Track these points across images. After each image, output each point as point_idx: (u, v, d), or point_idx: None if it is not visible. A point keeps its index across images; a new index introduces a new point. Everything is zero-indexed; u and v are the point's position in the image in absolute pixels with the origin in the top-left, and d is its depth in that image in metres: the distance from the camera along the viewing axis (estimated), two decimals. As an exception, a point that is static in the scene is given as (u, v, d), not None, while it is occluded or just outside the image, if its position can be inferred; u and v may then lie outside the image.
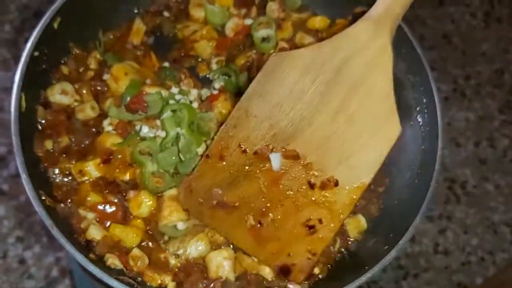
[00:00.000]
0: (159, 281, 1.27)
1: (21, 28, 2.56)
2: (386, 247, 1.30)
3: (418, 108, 1.48)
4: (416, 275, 2.42)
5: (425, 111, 1.46)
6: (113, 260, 1.26)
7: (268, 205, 1.25)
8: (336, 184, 1.20)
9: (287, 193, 1.23)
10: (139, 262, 1.28)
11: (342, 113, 1.16)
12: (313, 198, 1.22)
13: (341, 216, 1.22)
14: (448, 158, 2.67)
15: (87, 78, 1.47)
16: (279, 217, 1.25)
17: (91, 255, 1.23)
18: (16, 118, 1.22)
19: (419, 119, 1.48)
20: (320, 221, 1.23)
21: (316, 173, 1.21)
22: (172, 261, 1.30)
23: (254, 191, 1.25)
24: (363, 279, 1.26)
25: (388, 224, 1.43)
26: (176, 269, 1.30)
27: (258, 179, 1.24)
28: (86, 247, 1.27)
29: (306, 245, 1.25)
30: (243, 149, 1.24)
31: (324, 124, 1.18)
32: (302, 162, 1.21)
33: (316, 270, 1.34)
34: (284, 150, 1.21)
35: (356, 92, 1.15)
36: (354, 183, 1.19)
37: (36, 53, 1.28)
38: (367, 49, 1.15)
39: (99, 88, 1.45)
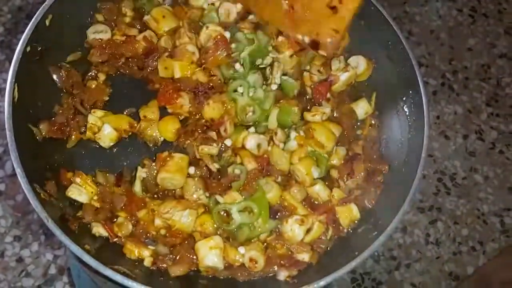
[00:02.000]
0: (137, 254, 1.30)
1: (14, 29, 2.59)
2: (375, 233, 1.33)
3: (404, 98, 1.51)
4: (409, 265, 2.46)
5: (411, 100, 1.49)
6: (97, 228, 1.30)
7: None
8: None
9: None
10: (123, 229, 1.31)
11: None
12: None
13: None
14: (438, 150, 2.72)
15: (124, 21, 1.54)
16: (306, 1, 1.43)
17: (86, 246, 1.25)
18: (10, 113, 1.24)
19: (406, 109, 1.52)
20: (340, 1, 1.40)
21: None
22: (158, 221, 1.33)
23: None
24: (353, 264, 1.29)
25: (378, 212, 1.45)
26: (160, 234, 1.34)
27: None
28: (81, 238, 1.29)
29: (331, 24, 1.43)
30: None
31: None
32: None
33: (306, 258, 1.37)
34: None
35: None
36: None
37: (28, 49, 1.31)
38: None
39: (138, 27, 1.52)
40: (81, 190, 1.34)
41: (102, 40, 1.48)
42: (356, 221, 1.46)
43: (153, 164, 1.37)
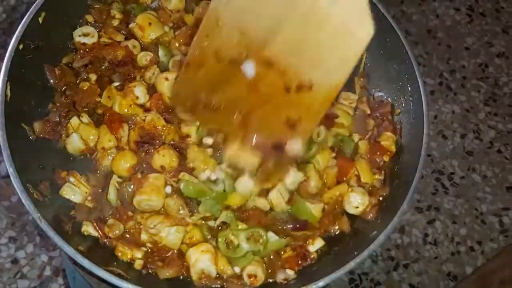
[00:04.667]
0: (129, 256, 1.27)
1: (9, 29, 2.57)
2: (375, 232, 1.32)
3: (404, 98, 1.51)
4: (407, 265, 2.44)
5: (410, 99, 1.48)
6: (87, 227, 1.27)
7: (250, 108, 1.28)
8: (311, 86, 1.22)
9: (266, 97, 1.26)
10: (114, 230, 1.28)
11: (312, 15, 1.15)
12: (290, 101, 1.25)
13: (319, 114, 1.26)
14: (436, 150, 2.71)
15: (112, 25, 1.50)
16: (261, 118, 1.29)
17: (80, 247, 1.23)
18: (2, 111, 1.22)
19: (404, 107, 1.51)
20: (299, 119, 1.27)
21: (291, 78, 1.22)
22: (144, 236, 1.29)
23: (236, 96, 1.28)
24: (352, 264, 1.28)
25: (377, 210, 1.44)
26: (147, 248, 1.30)
27: (238, 85, 1.26)
28: (75, 239, 1.27)
29: (290, 136, 1.29)
30: (218, 57, 1.24)
31: (295, 29, 1.17)
32: (276, 69, 1.22)
33: (320, 245, 1.34)
34: (257, 57, 1.21)
35: None
36: (328, 84, 1.21)
37: (21, 46, 1.29)
38: None
39: (124, 33, 1.49)
40: (74, 190, 1.32)
41: (86, 44, 1.46)
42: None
43: (128, 182, 1.32)
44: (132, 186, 1.31)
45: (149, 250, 1.30)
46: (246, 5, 1.18)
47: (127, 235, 1.30)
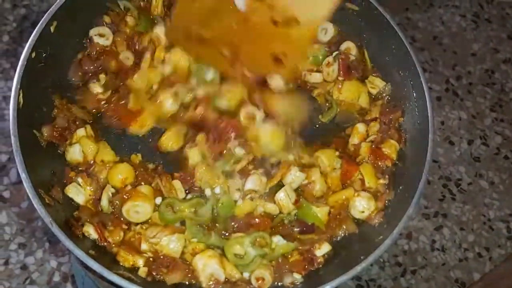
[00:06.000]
0: (131, 263, 1.26)
1: (19, 38, 2.61)
2: (381, 237, 1.33)
3: (410, 103, 1.52)
4: (414, 271, 2.44)
5: (416, 104, 1.49)
6: (87, 228, 1.28)
7: (240, 40, 1.35)
8: (297, 21, 1.28)
9: (255, 30, 1.32)
10: (115, 236, 1.28)
11: None
12: (277, 35, 1.31)
13: (303, 49, 1.35)
14: (443, 156, 2.71)
15: (125, 33, 1.52)
16: (250, 52, 1.36)
17: (91, 251, 1.24)
18: (15, 118, 1.24)
19: (410, 113, 1.52)
20: (284, 54, 1.33)
21: (279, 12, 1.28)
22: (144, 245, 1.29)
23: (226, 28, 1.34)
24: (358, 269, 1.28)
25: (385, 217, 1.45)
26: (148, 256, 1.30)
27: (228, 17, 1.32)
28: (86, 244, 1.29)
29: (276, 70, 1.37)
30: None
31: None
32: (266, 2, 1.28)
33: (326, 249, 1.35)
34: None
35: None
36: (313, 19, 1.27)
37: (33, 55, 1.32)
38: None
39: (135, 41, 1.51)
40: (79, 190, 1.33)
41: (99, 44, 1.48)
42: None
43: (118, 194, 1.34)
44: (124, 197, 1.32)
45: (151, 259, 1.29)
46: None
47: (128, 243, 1.30)
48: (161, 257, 1.29)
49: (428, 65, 2.90)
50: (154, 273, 1.27)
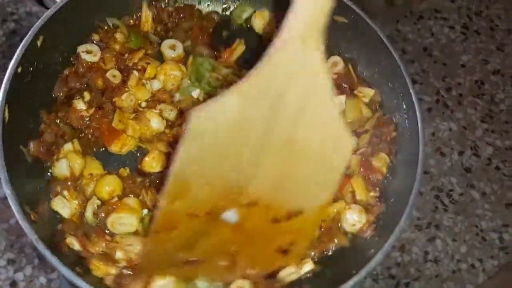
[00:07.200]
0: (103, 272, 1.25)
1: (9, 53, 2.59)
2: (373, 250, 1.32)
3: (400, 115, 1.52)
4: (408, 284, 2.42)
5: (405, 116, 1.50)
6: (71, 240, 1.27)
7: (238, 246, 1.21)
8: (301, 212, 1.16)
9: (254, 234, 1.19)
10: (97, 247, 1.28)
11: (290, 146, 1.06)
12: (280, 230, 1.19)
13: (312, 233, 1.24)
14: (434, 167, 2.70)
15: (114, 49, 1.51)
16: (251, 252, 1.22)
17: (78, 269, 1.23)
18: (1, 133, 1.23)
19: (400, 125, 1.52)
20: (292, 243, 1.22)
21: (278, 210, 1.15)
22: (119, 254, 1.27)
23: (219, 242, 1.19)
24: (351, 283, 1.27)
25: (377, 229, 1.44)
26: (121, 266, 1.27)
27: (219, 233, 1.17)
28: (73, 261, 1.27)
29: (283, 263, 1.26)
30: (192, 215, 1.12)
31: (274, 163, 1.08)
32: (261, 205, 1.14)
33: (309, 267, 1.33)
34: (237, 204, 1.12)
35: (298, 124, 1.03)
36: (317, 205, 1.17)
37: (20, 69, 1.31)
38: (301, 73, 0.98)
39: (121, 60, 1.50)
40: (65, 204, 1.32)
41: (86, 61, 1.47)
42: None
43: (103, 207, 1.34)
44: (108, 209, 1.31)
45: (123, 268, 1.27)
46: (215, 159, 1.04)
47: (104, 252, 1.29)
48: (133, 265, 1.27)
49: (418, 77, 2.91)
50: (120, 282, 1.26)
